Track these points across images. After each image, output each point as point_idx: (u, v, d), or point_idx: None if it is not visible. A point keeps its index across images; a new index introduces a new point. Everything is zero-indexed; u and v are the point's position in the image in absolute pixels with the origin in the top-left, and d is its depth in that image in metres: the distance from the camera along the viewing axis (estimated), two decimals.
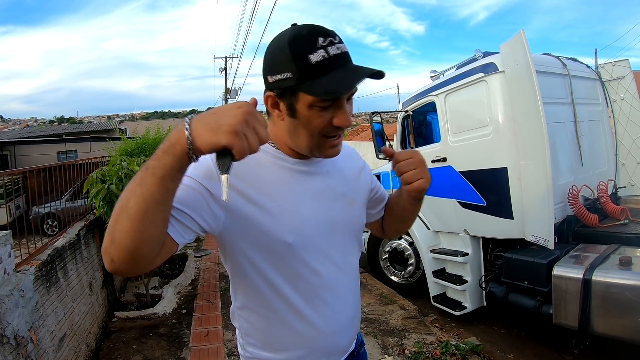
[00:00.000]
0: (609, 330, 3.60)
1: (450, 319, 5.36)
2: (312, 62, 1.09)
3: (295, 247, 1.23)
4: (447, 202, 5.28)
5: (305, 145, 1.22)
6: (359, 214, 1.46)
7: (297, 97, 1.14)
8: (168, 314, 5.80)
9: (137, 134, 10.34)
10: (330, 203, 1.33)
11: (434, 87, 5.49)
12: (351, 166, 1.48)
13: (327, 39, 1.11)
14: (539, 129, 4.03)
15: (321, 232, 1.29)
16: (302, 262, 1.26)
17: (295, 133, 1.21)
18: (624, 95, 5.57)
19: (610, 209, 4.67)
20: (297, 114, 1.17)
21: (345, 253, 1.40)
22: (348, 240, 1.41)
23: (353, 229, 1.43)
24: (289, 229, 1.22)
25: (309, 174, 1.31)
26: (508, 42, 4.33)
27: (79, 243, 5.24)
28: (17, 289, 3.51)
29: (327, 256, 1.32)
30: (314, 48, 1.09)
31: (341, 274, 1.37)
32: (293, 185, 1.26)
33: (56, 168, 5.90)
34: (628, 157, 5.57)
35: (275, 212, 1.20)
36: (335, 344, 1.41)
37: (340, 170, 1.40)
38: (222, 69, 34.53)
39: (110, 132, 19.31)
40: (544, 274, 3.97)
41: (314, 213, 1.28)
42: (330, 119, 1.16)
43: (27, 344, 3.50)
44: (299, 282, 1.28)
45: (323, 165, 1.34)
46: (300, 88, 1.12)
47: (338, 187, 1.37)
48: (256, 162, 1.21)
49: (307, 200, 1.27)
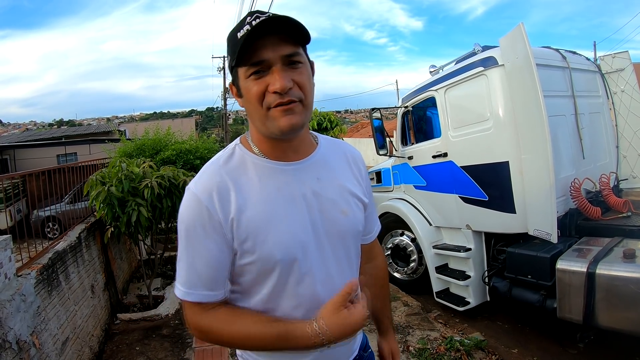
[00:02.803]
0: (613, 324, 3.58)
1: (453, 314, 5.35)
2: (238, 37, 1.13)
3: (285, 262, 1.23)
4: (448, 197, 5.26)
5: (258, 123, 1.21)
6: (356, 221, 1.39)
7: (238, 75, 1.19)
8: (171, 315, 5.79)
9: (136, 135, 10.33)
10: (319, 211, 1.29)
11: (433, 82, 5.47)
12: (351, 180, 1.43)
13: (255, 15, 1.13)
14: (539, 122, 4.01)
15: (309, 241, 1.27)
16: (295, 276, 1.25)
17: (249, 113, 1.22)
18: (624, 87, 5.55)
19: (613, 202, 4.65)
20: (241, 91, 1.19)
21: (341, 262, 1.35)
22: (343, 249, 1.36)
23: (351, 236, 1.38)
24: (278, 245, 1.22)
25: (297, 181, 1.29)
26: (507, 36, 4.30)
27: (80, 246, 5.23)
28: (19, 293, 3.50)
29: (317, 266, 1.29)
30: (241, 26, 1.13)
31: (333, 287, 1.28)
32: (280, 197, 1.25)
33: (56, 171, 5.89)
34: (629, 149, 5.55)
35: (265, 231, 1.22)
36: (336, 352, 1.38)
37: (335, 179, 1.37)
38: (220, 68, 34.47)
39: (110, 134, 19.28)
40: (547, 268, 3.95)
41: (301, 223, 1.26)
42: (266, 86, 1.14)
43: (30, 349, 3.49)
44: (296, 295, 1.27)
45: (312, 172, 1.32)
46: (234, 64, 1.16)
47: (328, 194, 1.32)
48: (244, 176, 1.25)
49: (294, 210, 1.26)
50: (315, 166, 1.33)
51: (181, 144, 8.79)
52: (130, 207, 5.21)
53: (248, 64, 1.14)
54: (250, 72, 1.14)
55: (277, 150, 1.28)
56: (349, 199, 1.37)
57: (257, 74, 1.14)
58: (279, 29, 1.12)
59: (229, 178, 1.22)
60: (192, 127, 28.94)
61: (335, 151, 1.44)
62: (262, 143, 1.28)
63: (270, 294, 1.26)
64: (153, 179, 5.37)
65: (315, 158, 1.35)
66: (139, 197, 5.30)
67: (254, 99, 1.16)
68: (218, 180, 1.21)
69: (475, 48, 4.97)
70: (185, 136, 10.17)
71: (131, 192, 5.30)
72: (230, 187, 1.21)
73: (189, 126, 26.27)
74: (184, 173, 5.89)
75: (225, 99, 35.25)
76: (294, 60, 1.16)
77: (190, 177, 5.77)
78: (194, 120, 46.46)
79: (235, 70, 1.19)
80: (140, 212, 5.20)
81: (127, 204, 5.26)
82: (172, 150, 8.32)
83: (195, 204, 1.19)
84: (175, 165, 7.38)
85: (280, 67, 1.14)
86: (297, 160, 1.30)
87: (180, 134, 10.16)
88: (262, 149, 1.28)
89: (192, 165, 8.36)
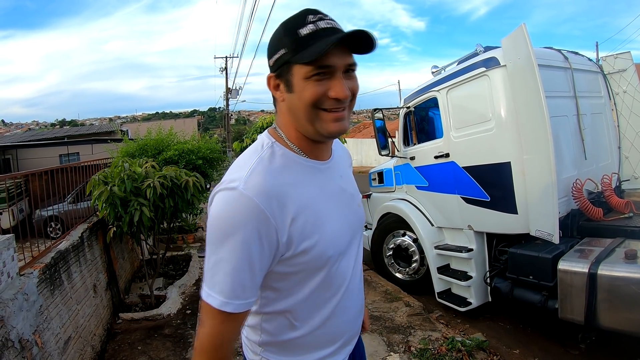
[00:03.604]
0: (615, 324, 3.58)
1: (455, 315, 5.34)
2: (302, 35, 1.13)
3: (334, 258, 1.30)
4: (450, 197, 5.26)
5: (302, 122, 1.22)
6: (363, 214, 1.52)
7: (292, 71, 1.17)
8: (173, 315, 5.81)
9: (138, 135, 10.35)
10: (348, 206, 1.39)
11: (435, 82, 5.47)
12: (351, 170, 1.60)
13: (317, 15, 1.16)
14: (542, 123, 4.01)
15: (347, 235, 1.36)
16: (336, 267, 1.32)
17: (295, 109, 1.22)
18: (627, 87, 5.54)
19: (615, 203, 4.65)
20: (293, 87, 1.18)
21: (358, 251, 1.49)
22: (359, 238, 1.49)
23: (361, 227, 1.51)
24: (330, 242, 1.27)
25: (330, 178, 1.36)
26: (509, 36, 4.30)
27: (83, 245, 5.24)
28: (21, 292, 3.51)
29: (349, 255, 1.39)
30: (303, 23, 1.15)
31: (355, 270, 1.45)
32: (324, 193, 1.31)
33: (58, 171, 5.90)
34: (631, 150, 5.54)
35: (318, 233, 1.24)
36: (354, 331, 1.52)
37: (349, 176, 1.50)
38: (222, 69, 34.56)
39: (112, 134, 19.30)
40: (549, 268, 3.96)
41: (342, 218, 1.34)
42: (326, 90, 1.16)
43: (32, 347, 3.50)
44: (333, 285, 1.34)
45: (336, 169, 1.40)
46: (293, 60, 1.15)
47: (349, 189, 1.43)
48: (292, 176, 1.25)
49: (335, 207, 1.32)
50: (337, 164, 1.42)
51: (183, 144, 8.78)
52: (133, 207, 5.22)
53: (314, 65, 1.13)
54: (313, 73, 1.14)
55: (316, 150, 1.32)
56: (358, 192, 1.50)
57: (319, 76, 1.15)
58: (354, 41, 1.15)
59: (282, 179, 1.21)
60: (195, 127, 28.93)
61: (339, 150, 1.50)
62: (302, 141, 1.29)
63: (313, 291, 1.30)
64: (155, 179, 5.38)
65: (335, 157, 1.42)
66: (141, 197, 5.31)
67: (309, 99, 1.16)
68: (272, 182, 1.18)
69: (478, 49, 4.97)
70: (187, 136, 10.16)
71: (133, 192, 5.31)
72: (285, 190, 1.19)
73: (191, 126, 26.26)
74: (186, 173, 5.90)
75: (227, 100, 35.28)
76: (352, 69, 1.21)
77: (193, 177, 5.78)
78: (196, 120, 46.55)
79: (288, 66, 1.18)
80: (142, 212, 5.21)
81: (129, 203, 5.27)
82: (175, 151, 8.31)
83: (249, 207, 1.12)
84: (178, 165, 7.38)
85: (343, 75, 1.18)
86: (326, 159, 1.37)
87: (182, 134, 10.15)
88: (301, 147, 1.30)
89: (194, 165, 8.36)
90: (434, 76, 5.72)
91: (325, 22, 1.15)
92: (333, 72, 1.16)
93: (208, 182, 9.51)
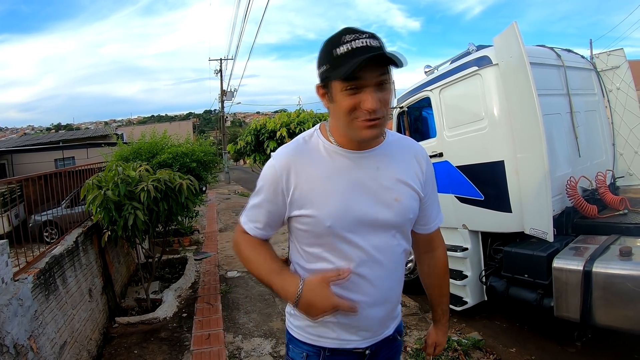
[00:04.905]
0: (611, 322, 3.58)
1: (451, 314, 5.29)
2: (337, 54, 1.33)
3: (334, 230, 1.48)
4: (444, 197, 5.24)
5: (342, 126, 1.45)
6: (406, 208, 1.57)
7: (331, 85, 1.39)
8: (169, 318, 5.79)
9: (133, 139, 10.32)
10: (372, 195, 1.51)
11: (428, 82, 5.48)
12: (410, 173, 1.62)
13: (353, 35, 1.33)
14: (534, 121, 4.01)
15: (360, 217, 1.49)
16: (339, 241, 1.51)
17: (336, 116, 1.45)
18: (620, 84, 5.56)
19: (609, 199, 4.66)
20: (333, 99, 1.41)
21: (388, 243, 1.57)
22: (388, 232, 1.56)
23: (396, 222, 1.56)
24: (330, 214, 1.48)
25: (359, 167, 1.52)
26: (501, 35, 4.30)
27: (77, 250, 5.22)
28: (16, 297, 3.49)
29: (363, 237, 1.51)
30: (339, 43, 1.33)
31: (376, 262, 1.54)
32: (342, 177, 1.50)
33: (53, 175, 5.87)
34: (626, 147, 5.55)
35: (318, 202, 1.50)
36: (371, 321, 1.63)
37: (393, 170, 1.57)
38: (217, 71, 34.54)
39: (107, 138, 19.30)
40: (544, 266, 3.96)
41: (353, 200, 1.49)
42: (358, 102, 1.35)
43: (27, 353, 3.48)
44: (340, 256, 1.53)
45: (373, 162, 1.54)
46: (331, 77, 1.36)
47: (385, 181, 1.54)
48: (313, 159, 1.54)
49: (350, 190, 1.50)
50: (377, 157, 1.55)
51: (177, 147, 8.76)
52: (127, 211, 5.19)
53: (347, 82, 1.33)
54: (346, 87, 1.34)
55: (353, 144, 1.52)
56: (403, 188, 1.57)
57: (351, 90, 1.34)
58: (382, 62, 1.33)
59: (298, 159, 1.52)
60: (190, 130, 28.94)
61: (401, 147, 1.64)
62: (341, 137, 1.52)
63: (324, 256, 1.54)
64: (149, 183, 5.36)
65: (378, 150, 1.56)
66: (135, 201, 5.28)
67: (345, 109, 1.37)
68: (289, 158, 1.52)
69: (470, 47, 4.98)
70: (181, 139, 10.13)
71: (127, 195, 5.28)
72: (296, 168, 1.50)
73: (186, 129, 26.28)
74: (180, 176, 5.87)
75: (222, 102, 35.24)
76: (383, 82, 1.36)
77: (187, 180, 5.76)
78: (191, 123, 46.49)
79: (329, 80, 1.39)
80: (136, 216, 5.18)
81: (123, 207, 5.25)
82: (168, 154, 8.28)
83: (271, 171, 1.54)
84: (172, 168, 7.34)
85: (374, 89, 1.34)
86: (365, 149, 1.53)
87: (176, 137, 10.13)
88: (339, 141, 1.53)
89: (188, 168, 8.32)
90: (427, 76, 5.72)
91: (360, 41, 1.31)
92: (364, 86, 1.33)
93: (203, 185, 9.48)
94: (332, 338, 1.61)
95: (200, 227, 12.39)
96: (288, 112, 18.41)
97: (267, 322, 5.51)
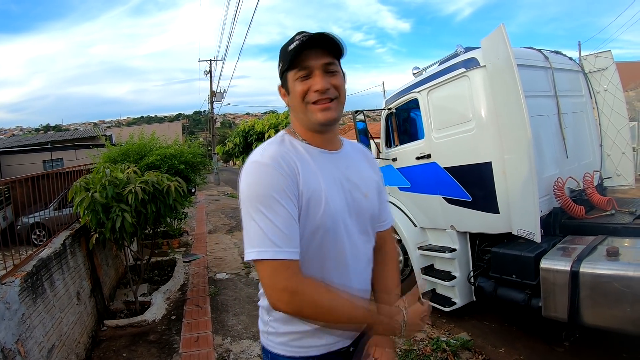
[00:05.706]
0: (598, 321, 3.61)
1: (440, 315, 5.35)
2: (289, 49, 1.46)
3: (328, 227, 1.50)
4: (432, 198, 5.27)
5: (300, 116, 1.55)
6: (373, 204, 1.70)
7: (287, 78, 1.53)
8: (158, 321, 5.76)
9: (122, 140, 10.26)
10: (348, 192, 1.58)
11: (416, 84, 5.48)
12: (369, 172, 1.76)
13: (302, 34, 1.47)
14: (521, 123, 4.03)
15: (339, 212, 1.53)
16: (333, 240, 1.53)
17: (294, 108, 1.56)
18: (607, 86, 5.60)
19: (597, 200, 4.69)
20: (289, 90, 1.54)
21: (360, 237, 1.64)
22: (364, 225, 1.65)
23: (370, 216, 1.67)
24: (327, 211, 1.49)
25: (335, 165, 1.60)
26: (489, 37, 4.32)
27: (65, 252, 5.18)
28: (3, 301, 3.46)
29: (340, 232, 1.55)
30: (292, 41, 1.48)
31: (357, 254, 1.62)
32: (325, 173, 1.54)
33: (41, 177, 5.83)
34: (613, 148, 5.60)
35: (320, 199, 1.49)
36: None
37: (358, 169, 1.68)
38: (207, 72, 34.43)
39: (96, 139, 19.21)
40: (531, 267, 3.97)
41: (335, 196, 1.53)
42: (310, 86, 1.47)
43: (15, 357, 3.45)
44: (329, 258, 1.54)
45: (343, 161, 1.64)
46: (285, 68, 1.50)
47: (355, 179, 1.63)
48: (299, 156, 1.53)
49: (335, 186, 1.55)
50: (345, 157, 1.66)
51: (165, 149, 8.72)
52: (115, 213, 5.16)
53: (297, 69, 1.47)
54: (297, 76, 1.48)
55: (317, 140, 1.59)
56: (369, 184, 1.70)
57: (303, 78, 1.48)
58: (321, 43, 1.45)
59: (290, 153, 1.50)
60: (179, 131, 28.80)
61: (355, 150, 1.79)
62: (305, 134, 1.59)
63: (314, 253, 1.51)
64: (137, 185, 5.33)
65: (344, 151, 1.68)
66: (123, 203, 5.25)
67: (299, 95, 1.49)
68: (284, 150, 1.50)
69: (458, 49, 4.99)
70: (170, 140, 10.09)
71: (115, 197, 5.24)
72: (294, 158, 1.49)
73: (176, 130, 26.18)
74: (168, 178, 5.84)
75: (212, 103, 35.13)
76: (331, 69, 1.49)
77: (174, 182, 5.73)
78: (180, 124, 46.28)
79: (285, 75, 1.53)
80: (124, 218, 5.15)
81: (111, 209, 5.21)
82: (157, 155, 8.23)
83: (268, 171, 1.42)
84: (160, 170, 7.31)
85: (321, 72, 1.47)
86: (333, 150, 1.63)
87: (165, 139, 10.08)
88: (305, 138, 1.58)
89: (176, 170, 8.28)
90: (415, 77, 5.73)
91: (310, 36, 1.44)
92: (312, 70, 1.47)
93: (192, 187, 9.44)
94: (320, 345, 1.60)
95: (190, 228, 12.35)
96: (277, 114, 18.46)
97: (255, 324, 5.44)
